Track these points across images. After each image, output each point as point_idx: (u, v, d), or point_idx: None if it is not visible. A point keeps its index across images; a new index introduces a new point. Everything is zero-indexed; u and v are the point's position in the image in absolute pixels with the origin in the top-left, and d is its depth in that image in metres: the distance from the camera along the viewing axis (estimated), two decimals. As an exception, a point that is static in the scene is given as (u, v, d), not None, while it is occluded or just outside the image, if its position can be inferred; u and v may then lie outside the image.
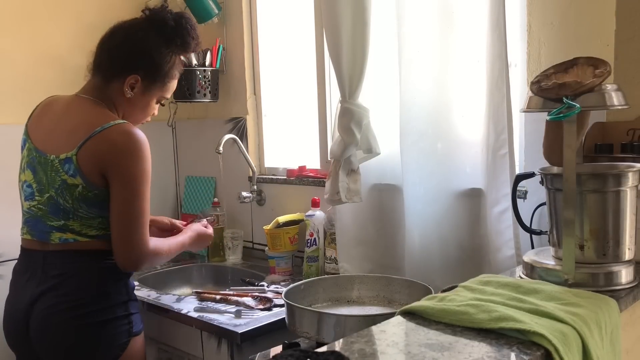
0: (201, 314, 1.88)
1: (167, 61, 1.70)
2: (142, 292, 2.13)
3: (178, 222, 2.00)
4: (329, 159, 1.97)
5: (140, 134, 1.62)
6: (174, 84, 1.77)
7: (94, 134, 1.59)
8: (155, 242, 1.67)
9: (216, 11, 2.51)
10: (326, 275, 2.07)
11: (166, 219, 2.00)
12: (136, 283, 2.21)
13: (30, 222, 1.71)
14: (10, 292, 1.75)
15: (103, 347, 1.64)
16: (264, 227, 2.33)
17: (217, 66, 2.54)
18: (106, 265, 1.65)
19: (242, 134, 2.58)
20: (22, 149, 1.76)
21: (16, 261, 1.78)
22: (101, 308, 1.64)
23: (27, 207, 1.72)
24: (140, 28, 1.69)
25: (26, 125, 1.76)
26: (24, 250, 1.75)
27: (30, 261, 1.71)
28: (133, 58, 1.67)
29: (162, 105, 1.81)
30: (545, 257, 1.37)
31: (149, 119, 1.82)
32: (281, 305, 1.84)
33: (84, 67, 1.76)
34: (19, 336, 1.70)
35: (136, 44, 1.68)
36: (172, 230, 1.96)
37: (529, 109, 1.31)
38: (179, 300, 2.04)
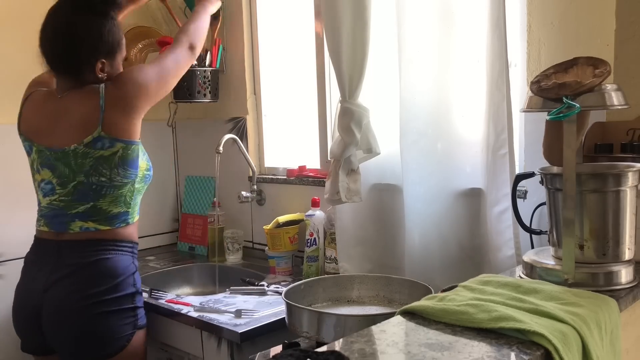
0: (201, 314, 1.88)
1: (115, 32, 1.78)
2: (142, 292, 2.13)
3: None
4: (329, 158, 1.97)
5: (120, 73, 1.81)
6: (124, 43, 1.86)
7: (103, 107, 1.71)
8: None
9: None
10: (326, 275, 2.07)
11: None
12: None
13: (49, 215, 1.79)
14: (22, 280, 1.82)
15: (111, 336, 1.71)
16: (264, 227, 2.33)
17: (217, 66, 2.54)
18: (119, 257, 1.75)
19: (242, 133, 2.58)
20: (29, 153, 1.82)
21: (28, 252, 1.84)
22: (112, 299, 1.72)
23: (47, 203, 1.79)
24: (75, 17, 1.73)
25: (21, 132, 1.84)
26: (38, 239, 1.83)
27: (44, 250, 1.79)
28: (91, 50, 1.74)
29: (125, 59, 1.92)
30: (545, 257, 1.37)
31: None
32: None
33: None
34: (30, 322, 1.77)
35: (86, 35, 1.73)
36: None
37: (529, 108, 1.31)
38: (178, 299, 2.04)
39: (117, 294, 1.73)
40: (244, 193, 2.47)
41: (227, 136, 2.40)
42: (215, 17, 2.44)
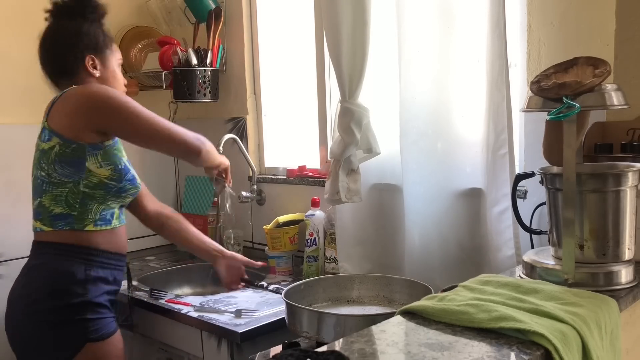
0: (201, 314, 1.88)
1: (96, 32, 1.81)
2: (142, 292, 2.13)
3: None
4: (329, 158, 1.97)
5: (96, 84, 1.76)
6: (116, 47, 1.89)
7: (57, 99, 1.70)
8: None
9: (213, 5, 2.50)
10: (326, 275, 2.07)
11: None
12: (135, 283, 2.22)
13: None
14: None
15: (51, 348, 1.65)
16: (264, 227, 2.33)
17: (217, 66, 2.54)
18: (63, 263, 1.68)
19: (242, 133, 2.58)
20: None
21: None
22: (53, 307, 1.65)
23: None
24: (58, 25, 1.80)
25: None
26: None
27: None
28: (74, 45, 1.78)
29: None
30: (545, 256, 1.37)
31: (124, 88, 1.89)
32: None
33: None
34: (6, 323, 1.76)
35: (66, 34, 1.78)
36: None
37: (529, 108, 1.31)
38: (178, 299, 2.04)
39: (60, 302, 1.65)
40: (244, 193, 2.47)
41: (227, 136, 2.40)
42: (216, 18, 2.45)
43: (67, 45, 1.78)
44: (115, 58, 1.86)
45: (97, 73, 1.80)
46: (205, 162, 1.82)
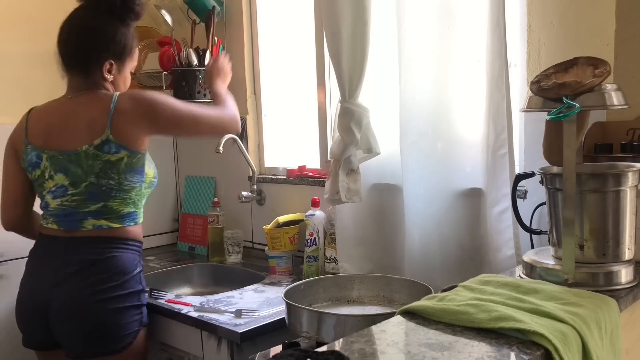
0: (201, 314, 1.88)
1: (128, 37, 1.84)
2: (142, 292, 2.13)
3: None
4: (328, 158, 1.97)
5: (139, 90, 1.89)
6: (137, 52, 1.94)
7: (112, 112, 1.74)
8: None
9: (213, 4, 2.50)
10: (326, 275, 2.07)
11: None
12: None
13: (60, 215, 1.80)
14: (27, 275, 1.84)
15: (119, 332, 1.75)
16: (263, 227, 2.33)
17: (217, 66, 2.54)
18: (128, 255, 1.79)
19: (242, 133, 2.58)
20: (38, 164, 1.81)
21: (32, 248, 1.86)
22: (121, 295, 1.76)
23: (58, 204, 1.80)
24: (92, 17, 1.80)
25: (28, 142, 1.83)
26: (44, 236, 1.84)
27: (51, 246, 1.81)
28: (102, 47, 1.80)
29: (134, 74, 1.98)
30: (545, 256, 1.37)
31: (127, 88, 1.94)
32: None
33: None
34: (35, 317, 1.79)
35: (99, 32, 1.80)
36: None
37: (529, 108, 1.31)
38: (178, 299, 2.05)
39: (126, 290, 1.77)
40: (244, 193, 2.47)
41: (227, 136, 2.40)
42: (208, 18, 2.44)
43: (95, 45, 1.80)
44: (132, 65, 1.90)
45: (110, 77, 1.83)
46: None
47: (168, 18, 2.41)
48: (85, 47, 1.80)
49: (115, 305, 1.74)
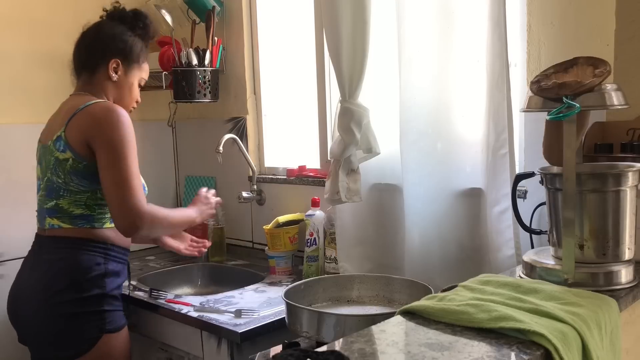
0: (201, 314, 1.88)
1: (136, 44, 1.88)
2: (142, 292, 2.13)
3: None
4: (328, 158, 1.97)
5: (119, 107, 1.75)
6: (147, 67, 1.94)
7: (78, 111, 1.73)
8: (152, 206, 1.74)
9: (213, 4, 2.50)
10: (326, 275, 2.07)
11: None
12: (134, 283, 2.22)
13: (38, 211, 1.83)
14: (16, 274, 1.86)
15: (70, 338, 1.71)
16: (263, 227, 2.33)
17: (217, 66, 2.54)
18: (83, 256, 1.74)
19: (242, 133, 2.58)
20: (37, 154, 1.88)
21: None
22: (72, 299, 1.70)
23: (38, 199, 1.83)
24: (105, 23, 1.90)
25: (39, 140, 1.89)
26: (35, 236, 1.87)
27: (33, 246, 1.85)
28: (109, 45, 1.84)
29: (142, 88, 1.94)
30: (545, 256, 1.37)
31: (135, 104, 1.94)
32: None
33: None
34: (13, 318, 1.82)
35: (107, 34, 1.86)
36: None
37: (529, 108, 1.31)
38: (178, 299, 2.04)
39: (79, 294, 1.70)
40: (244, 193, 2.47)
41: (227, 136, 2.40)
42: (208, 18, 2.44)
43: (101, 42, 1.84)
44: (139, 75, 1.91)
45: (115, 77, 1.84)
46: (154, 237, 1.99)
47: (168, 18, 2.41)
48: (92, 45, 1.84)
49: (68, 310, 1.69)
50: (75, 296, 1.70)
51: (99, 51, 1.83)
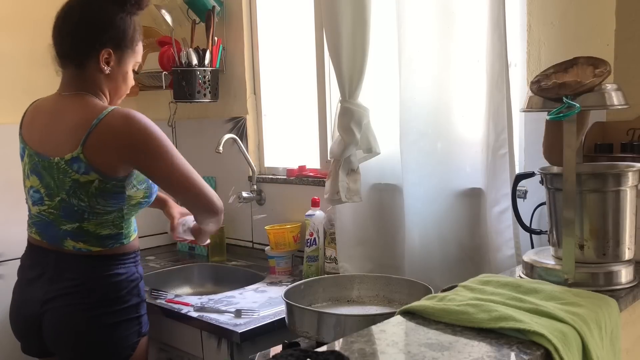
0: (201, 314, 1.88)
1: (129, 25, 1.66)
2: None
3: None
4: (328, 158, 1.97)
5: (133, 111, 1.62)
6: (141, 47, 1.74)
7: (93, 128, 1.57)
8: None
9: (213, 4, 2.50)
10: (326, 275, 2.07)
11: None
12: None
13: (41, 225, 1.70)
14: (19, 284, 1.77)
15: (116, 347, 1.68)
16: (265, 227, 2.33)
17: (217, 66, 2.54)
18: (121, 271, 1.69)
19: (242, 133, 2.58)
20: (22, 157, 1.76)
21: (23, 253, 1.79)
22: (115, 310, 1.67)
23: (37, 212, 1.70)
24: (88, 7, 1.64)
25: (20, 133, 1.77)
26: (32, 246, 1.75)
27: (40, 258, 1.71)
28: (98, 34, 1.62)
29: (136, 72, 1.80)
30: (545, 256, 1.37)
31: (128, 90, 1.79)
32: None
33: None
34: (30, 329, 1.72)
35: (95, 18, 1.63)
36: None
37: (529, 108, 1.31)
38: (178, 299, 2.04)
39: (123, 305, 1.68)
40: (244, 193, 2.47)
41: (227, 136, 2.40)
42: (208, 18, 2.45)
43: (89, 31, 1.62)
44: (134, 60, 1.73)
45: (107, 70, 1.65)
46: (216, 225, 1.81)
47: (168, 18, 2.41)
48: (78, 34, 1.63)
49: (111, 320, 1.66)
50: (118, 307, 1.67)
51: (85, 40, 1.62)
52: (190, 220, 1.94)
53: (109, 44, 1.64)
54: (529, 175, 1.47)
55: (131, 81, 1.77)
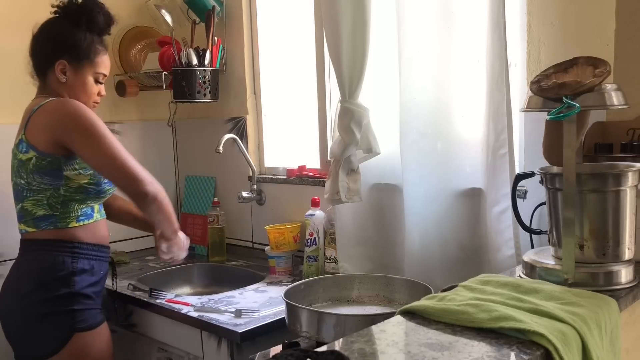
0: (201, 314, 1.88)
1: (81, 39, 1.81)
2: (142, 292, 2.13)
3: None
4: (328, 158, 1.97)
5: (72, 100, 1.77)
6: (103, 60, 1.87)
7: (34, 112, 1.74)
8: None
9: (213, 4, 2.50)
10: (326, 275, 2.07)
11: None
12: (134, 282, 2.22)
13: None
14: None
15: (41, 338, 1.73)
16: (265, 227, 2.33)
17: (217, 66, 2.54)
18: (49, 257, 1.75)
19: (242, 133, 2.58)
20: None
21: None
22: (41, 299, 1.72)
23: None
24: (50, 21, 1.84)
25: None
26: None
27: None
28: (52, 47, 1.81)
29: (101, 83, 1.89)
30: (545, 256, 1.37)
31: (97, 99, 1.90)
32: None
33: None
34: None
35: (50, 33, 1.83)
36: None
37: (529, 108, 1.31)
38: (178, 299, 2.04)
39: (48, 294, 1.72)
40: (244, 193, 2.47)
41: (227, 136, 2.40)
42: (208, 18, 2.44)
43: (45, 44, 1.82)
44: (92, 71, 1.84)
45: (63, 79, 1.81)
46: (155, 215, 1.80)
47: (168, 18, 2.41)
48: (38, 49, 1.83)
49: (38, 310, 1.72)
50: (45, 296, 1.72)
51: (44, 55, 1.82)
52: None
53: (62, 56, 1.80)
54: (528, 175, 1.47)
55: (94, 91, 1.87)
